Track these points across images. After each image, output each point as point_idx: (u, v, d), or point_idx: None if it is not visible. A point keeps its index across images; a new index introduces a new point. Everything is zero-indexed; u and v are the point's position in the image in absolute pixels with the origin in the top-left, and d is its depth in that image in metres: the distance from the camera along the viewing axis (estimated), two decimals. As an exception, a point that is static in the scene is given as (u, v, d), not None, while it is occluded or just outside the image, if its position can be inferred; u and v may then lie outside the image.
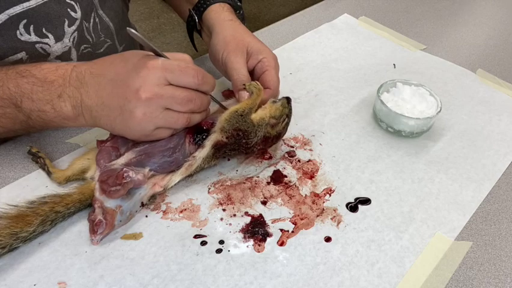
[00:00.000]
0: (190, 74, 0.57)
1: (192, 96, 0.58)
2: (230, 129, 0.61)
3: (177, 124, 0.59)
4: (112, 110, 0.56)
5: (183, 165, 0.61)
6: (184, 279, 0.54)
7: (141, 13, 2.83)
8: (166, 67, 0.56)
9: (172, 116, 0.57)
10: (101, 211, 0.55)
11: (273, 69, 0.70)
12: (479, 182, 0.70)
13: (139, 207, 0.59)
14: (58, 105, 0.57)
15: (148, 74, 0.55)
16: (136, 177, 0.56)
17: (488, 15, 1.16)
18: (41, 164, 0.63)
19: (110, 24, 0.80)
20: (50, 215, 0.55)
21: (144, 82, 0.55)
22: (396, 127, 0.75)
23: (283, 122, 0.67)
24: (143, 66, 0.55)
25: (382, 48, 0.98)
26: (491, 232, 0.63)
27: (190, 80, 0.57)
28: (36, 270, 0.53)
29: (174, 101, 0.56)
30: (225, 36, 0.72)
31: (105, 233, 0.55)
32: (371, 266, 0.57)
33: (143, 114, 0.55)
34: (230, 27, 0.74)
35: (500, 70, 0.95)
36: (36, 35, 0.65)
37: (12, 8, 0.62)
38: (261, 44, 0.72)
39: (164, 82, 0.56)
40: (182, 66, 0.57)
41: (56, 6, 0.66)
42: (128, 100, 0.55)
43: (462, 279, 0.57)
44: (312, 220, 0.61)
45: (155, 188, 0.60)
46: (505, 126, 0.81)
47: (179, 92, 0.57)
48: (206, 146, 0.62)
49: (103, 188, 0.56)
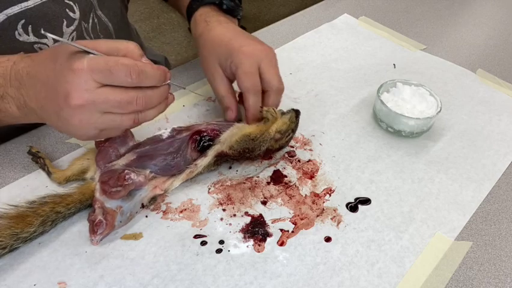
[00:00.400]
0: (121, 71, 0.49)
1: (130, 98, 0.50)
2: (238, 149, 0.63)
3: (123, 126, 0.53)
4: (50, 114, 0.52)
5: (184, 171, 0.62)
6: (184, 279, 0.54)
7: (141, 13, 2.83)
8: (93, 67, 0.48)
9: (113, 119, 0.51)
10: (101, 211, 0.55)
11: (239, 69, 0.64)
12: (479, 182, 0.70)
13: (139, 208, 0.59)
14: (3, 106, 0.54)
15: (74, 78, 0.48)
16: (137, 179, 0.56)
17: (488, 15, 1.16)
18: (41, 164, 0.63)
19: (109, 24, 0.80)
20: (50, 216, 0.55)
21: (71, 88, 0.48)
22: (396, 127, 0.75)
23: (288, 136, 0.67)
24: (69, 69, 0.49)
25: (382, 48, 0.98)
26: (491, 232, 0.63)
27: (123, 79, 0.49)
28: (36, 270, 0.53)
29: (110, 105, 0.50)
30: (202, 55, 0.70)
31: (105, 233, 0.55)
32: (371, 266, 0.57)
33: (79, 121, 0.50)
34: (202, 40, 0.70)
35: (500, 70, 0.95)
36: (35, 36, 0.65)
37: (10, 8, 0.62)
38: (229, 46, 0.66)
39: (94, 85, 0.49)
40: (110, 63, 0.49)
41: (55, 6, 0.66)
42: (60, 108, 0.50)
43: (462, 279, 0.57)
44: (312, 220, 0.61)
45: (156, 191, 0.60)
46: (505, 126, 0.81)
47: (115, 95, 0.50)
48: (208, 155, 0.62)
49: (104, 189, 0.56)
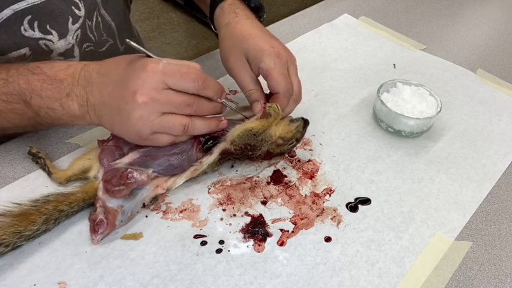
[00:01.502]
0: (190, 78, 0.56)
1: (189, 101, 0.57)
2: (240, 144, 0.62)
3: (174, 129, 0.57)
4: (111, 109, 0.56)
5: (189, 169, 0.61)
6: (184, 279, 0.54)
7: (141, 13, 2.83)
8: (166, 71, 0.55)
9: (167, 120, 0.56)
10: (102, 210, 0.55)
11: (274, 70, 0.63)
12: (479, 182, 0.70)
13: (140, 208, 0.59)
14: (66, 104, 0.57)
15: (146, 77, 0.54)
16: (140, 177, 0.57)
17: (488, 15, 1.16)
18: (42, 165, 0.63)
19: (112, 23, 0.80)
20: (53, 214, 0.55)
21: (142, 85, 0.54)
22: (396, 127, 0.75)
23: (291, 144, 0.66)
24: (143, 69, 0.55)
25: (382, 48, 0.98)
26: (491, 232, 0.63)
27: (189, 85, 0.56)
28: (36, 270, 0.53)
29: (171, 105, 0.56)
30: (225, 47, 0.68)
31: (106, 232, 0.55)
32: (371, 266, 0.57)
33: (139, 117, 0.55)
34: (228, 32, 0.70)
35: (500, 70, 0.95)
36: (40, 32, 0.65)
37: (17, 4, 0.62)
38: (258, 43, 0.66)
39: (163, 86, 0.55)
40: (183, 70, 0.56)
41: (61, 3, 0.67)
42: (125, 101, 0.55)
43: (462, 279, 0.57)
44: (312, 220, 0.61)
45: (158, 190, 0.60)
46: (505, 126, 0.81)
47: (177, 97, 0.56)
48: (214, 153, 0.62)
49: (107, 188, 0.56)
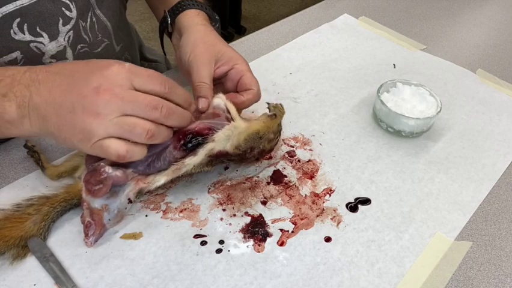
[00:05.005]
0: (157, 80, 0.53)
1: (157, 103, 0.52)
2: (245, 148, 0.61)
3: (133, 134, 0.51)
4: (62, 107, 0.50)
5: (170, 167, 0.59)
6: (184, 279, 0.54)
7: (141, 13, 2.83)
8: (133, 70, 0.52)
9: (127, 122, 0.50)
10: (88, 212, 0.55)
11: (249, 72, 0.68)
12: (479, 182, 0.70)
13: (128, 204, 0.58)
14: (2, 105, 0.52)
15: (111, 73, 0.51)
16: (113, 172, 0.55)
17: (488, 15, 1.16)
18: (36, 159, 0.63)
19: (108, 24, 0.80)
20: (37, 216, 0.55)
21: (106, 81, 0.50)
22: (396, 127, 0.75)
23: (276, 138, 0.66)
24: (108, 67, 0.51)
25: (382, 48, 0.98)
26: (491, 232, 0.63)
27: (157, 87, 0.53)
28: (36, 270, 0.53)
29: (136, 106, 0.51)
30: (195, 39, 0.69)
31: (97, 233, 0.55)
32: (371, 266, 0.57)
33: (96, 114, 0.49)
34: (201, 31, 0.71)
35: (500, 70, 0.95)
36: (31, 34, 0.65)
37: (5, 6, 0.62)
38: (233, 51, 0.69)
39: (128, 85, 0.51)
40: (149, 72, 0.53)
41: (50, 4, 0.66)
42: (83, 96, 0.50)
43: (462, 279, 0.57)
44: (312, 220, 0.61)
45: (140, 184, 0.58)
46: (505, 126, 0.81)
47: (144, 97, 0.51)
48: (199, 154, 0.58)
49: (88, 188, 0.55)
